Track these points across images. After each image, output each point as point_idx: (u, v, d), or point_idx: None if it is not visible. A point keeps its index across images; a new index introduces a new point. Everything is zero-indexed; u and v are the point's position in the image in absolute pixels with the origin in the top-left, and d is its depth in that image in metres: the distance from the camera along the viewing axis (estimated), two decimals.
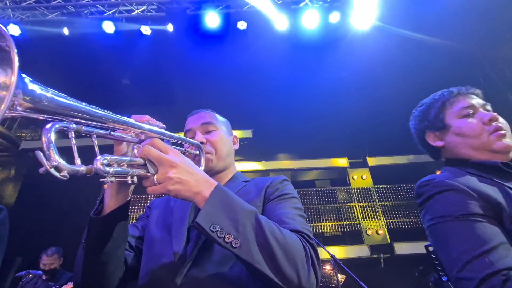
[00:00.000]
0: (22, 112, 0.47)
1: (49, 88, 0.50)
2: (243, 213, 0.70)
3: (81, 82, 5.66)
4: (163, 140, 0.76)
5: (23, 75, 0.46)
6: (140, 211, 6.09)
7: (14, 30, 4.48)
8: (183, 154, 0.78)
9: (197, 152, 1.03)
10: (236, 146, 1.26)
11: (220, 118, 1.24)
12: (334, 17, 4.57)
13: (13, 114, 0.46)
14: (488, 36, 4.82)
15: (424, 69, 5.37)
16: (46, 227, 5.92)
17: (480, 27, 4.62)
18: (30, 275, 3.60)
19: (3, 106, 0.42)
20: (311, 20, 4.57)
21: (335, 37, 4.98)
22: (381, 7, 4.39)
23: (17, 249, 5.61)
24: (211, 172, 1.09)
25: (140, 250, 0.97)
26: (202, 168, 0.98)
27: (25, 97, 0.46)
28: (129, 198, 0.83)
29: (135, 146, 0.73)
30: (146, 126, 0.73)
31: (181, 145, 0.98)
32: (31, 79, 0.48)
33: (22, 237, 5.73)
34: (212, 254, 0.83)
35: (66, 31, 4.59)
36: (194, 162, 1.05)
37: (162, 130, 0.78)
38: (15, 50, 0.43)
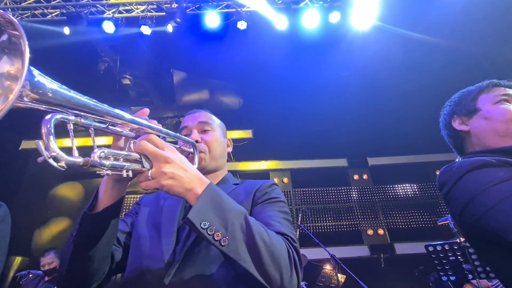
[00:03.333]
0: (28, 103, 0.48)
1: (53, 81, 0.52)
2: (233, 212, 0.72)
3: (81, 82, 5.66)
4: (159, 136, 0.76)
5: (31, 67, 0.47)
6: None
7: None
8: (177, 151, 0.78)
9: (192, 150, 1.04)
10: (230, 149, 1.28)
11: (216, 120, 1.26)
12: (334, 17, 4.57)
13: (20, 105, 0.47)
14: (489, 36, 4.82)
15: (424, 69, 5.38)
16: (47, 227, 5.92)
17: (481, 27, 4.61)
18: (31, 275, 3.59)
19: (12, 96, 0.43)
20: (311, 20, 4.57)
21: (335, 37, 4.99)
22: (381, 7, 4.39)
23: (17, 249, 5.62)
24: (203, 171, 1.09)
25: (128, 246, 0.98)
26: (195, 166, 0.99)
27: (32, 88, 0.47)
28: (123, 195, 0.83)
29: (131, 141, 0.73)
30: (144, 122, 0.74)
31: (176, 143, 0.99)
32: (39, 72, 0.49)
33: (23, 237, 5.73)
34: (200, 255, 0.85)
35: (66, 30, 4.59)
36: (187, 160, 1.06)
37: (159, 127, 0.79)
38: (27, 42, 0.44)
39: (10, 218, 1.16)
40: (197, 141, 1.08)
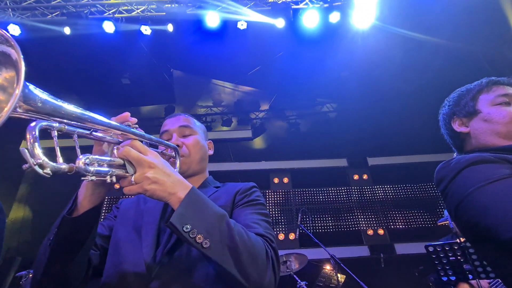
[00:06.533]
0: (22, 114, 0.50)
1: (43, 91, 0.54)
2: (215, 216, 0.75)
3: (81, 82, 5.66)
4: (142, 142, 0.78)
5: (26, 83, 0.49)
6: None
7: (14, 30, 4.47)
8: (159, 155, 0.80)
9: (173, 154, 1.05)
10: (211, 152, 1.29)
11: (197, 123, 1.28)
12: (334, 17, 4.57)
13: (13, 115, 0.48)
14: (489, 36, 4.82)
15: (424, 69, 5.38)
16: (48, 227, 5.92)
17: (481, 27, 4.61)
18: (31, 275, 3.59)
19: (6, 108, 0.45)
20: (311, 20, 4.57)
21: (335, 37, 4.99)
22: (381, 7, 4.39)
23: (18, 249, 5.62)
24: (184, 175, 1.09)
25: (105, 250, 0.97)
26: (177, 170, 1.00)
27: (26, 100, 0.49)
28: (103, 199, 0.83)
29: (115, 147, 0.74)
30: (127, 128, 0.76)
31: (157, 147, 0.99)
32: (33, 85, 0.51)
33: (23, 236, 5.73)
34: (181, 257, 0.87)
35: (67, 30, 4.59)
36: (169, 164, 1.07)
37: (142, 133, 0.80)
38: (22, 56, 0.46)
39: (4, 214, 1.15)
40: (178, 146, 1.09)
